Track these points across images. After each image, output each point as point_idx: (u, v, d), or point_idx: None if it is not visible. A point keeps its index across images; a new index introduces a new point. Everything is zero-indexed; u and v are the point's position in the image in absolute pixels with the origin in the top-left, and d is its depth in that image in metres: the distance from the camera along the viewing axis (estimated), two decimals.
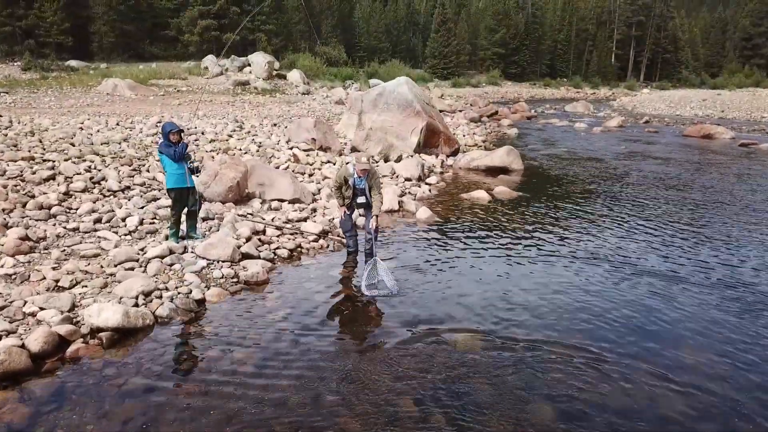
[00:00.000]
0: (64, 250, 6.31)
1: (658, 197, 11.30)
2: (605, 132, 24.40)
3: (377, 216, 6.53)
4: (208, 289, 5.68)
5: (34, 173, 8.37)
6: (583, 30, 77.34)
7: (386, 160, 13.57)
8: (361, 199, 6.71)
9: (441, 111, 22.98)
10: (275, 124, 16.78)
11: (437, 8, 66.79)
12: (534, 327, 5.26)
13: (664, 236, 8.47)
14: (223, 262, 6.27)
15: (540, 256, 7.40)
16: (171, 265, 6.05)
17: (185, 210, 6.78)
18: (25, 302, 4.94)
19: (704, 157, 17.28)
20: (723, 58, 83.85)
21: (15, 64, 36.91)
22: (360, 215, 7.36)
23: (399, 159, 13.51)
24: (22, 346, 4.25)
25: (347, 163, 6.80)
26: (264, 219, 7.97)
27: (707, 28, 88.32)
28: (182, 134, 6.73)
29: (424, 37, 68.12)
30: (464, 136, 19.58)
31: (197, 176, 6.99)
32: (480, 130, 22.60)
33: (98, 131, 12.69)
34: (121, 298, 5.17)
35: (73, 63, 37.39)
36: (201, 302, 5.45)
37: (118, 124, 14.16)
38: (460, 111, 29.36)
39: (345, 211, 6.83)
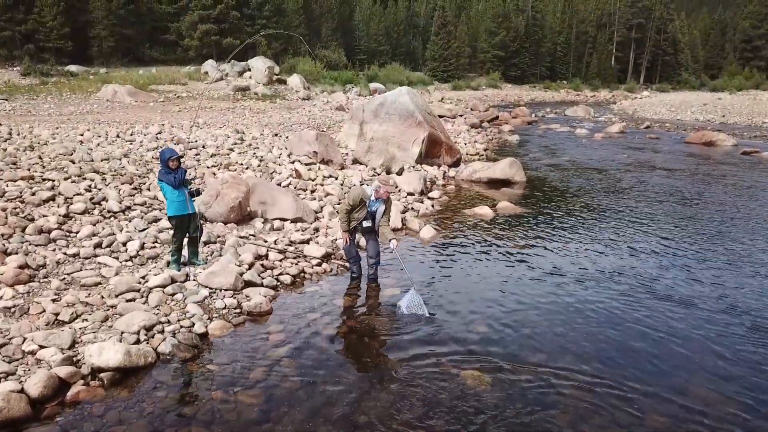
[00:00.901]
0: (64, 278, 6.21)
1: (665, 213, 11.22)
2: (606, 138, 24.33)
3: (396, 239, 6.65)
4: (211, 321, 5.59)
5: (33, 194, 8.27)
6: (583, 32, 77.37)
7: (388, 172, 13.48)
8: (367, 223, 6.63)
9: (441, 117, 22.93)
10: (276, 134, 16.70)
11: (437, 11, 66.83)
12: (544, 357, 5.18)
13: (675, 255, 8.38)
14: (226, 290, 6.18)
15: (548, 278, 7.30)
16: (173, 294, 5.96)
17: (187, 236, 6.70)
18: (25, 339, 4.85)
19: (708, 167, 17.20)
20: (723, 60, 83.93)
21: (14, 68, 36.86)
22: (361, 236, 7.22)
23: (401, 171, 13.42)
24: (21, 390, 4.16)
25: (361, 184, 6.70)
26: (266, 241, 7.88)
27: (707, 30, 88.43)
28: (181, 160, 6.65)
29: (424, 40, 68.13)
30: (465, 144, 19.50)
31: (199, 196, 6.95)
32: (481, 136, 22.54)
33: (98, 145, 12.60)
34: (122, 333, 5.08)
35: (72, 68, 37.36)
36: (203, 336, 5.35)
37: (118, 136, 14.06)
38: (461, 116, 29.27)
39: (349, 237, 6.73)
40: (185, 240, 6.72)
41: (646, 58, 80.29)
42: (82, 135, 13.93)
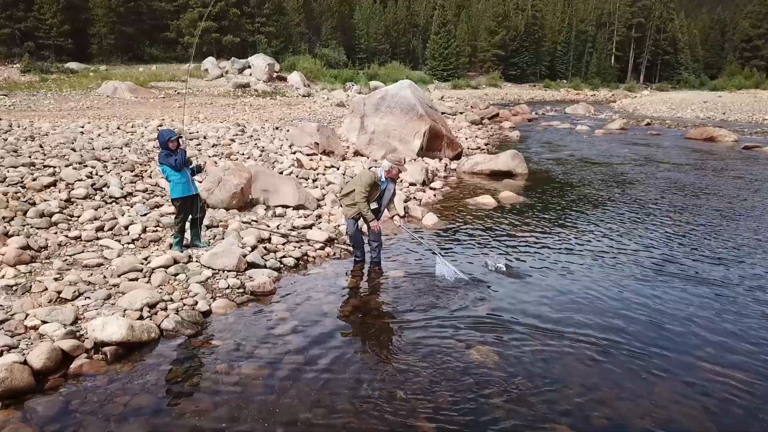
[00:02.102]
0: (66, 259, 6.18)
1: (668, 202, 11.18)
2: (607, 134, 24.33)
3: (398, 215, 6.89)
4: (214, 300, 5.56)
5: (34, 180, 8.22)
6: (582, 32, 77.44)
7: None
8: (374, 205, 6.61)
9: (442, 113, 22.92)
10: (277, 128, 16.66)
11: (437, 10, 66.81)
12: (548, 332, 5.15)
13: (677, 240, 8.35)
14: (229, 271, 6.15)
15: (551, 260, 7.27)
16: (176, 275, 5.93)
17: (189, 218, 6.66)
18: (27, 315, 4.82)
19: (709, 161, 17.18)
20: (722, 59, 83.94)
21: (14, 66, 36.81)
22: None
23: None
24: (24, 362, 4.12)
25: (370, 168, 6.62)
26: (269, 226, 7.85)
27: (706, 30, 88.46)
28: (180, 140, 6.57)
29: (423, 39, 68.17)
30: (466, 139, 19.49)
31: (201, 175, 6.88)
32: (482, 132, 22.52)
33: (99, 135, 12.56)
34: (125, 310, 5.05)
35: (72, 65, 37.31)
36: (207, 314, 5.33)
37: (119, 128, 14.03)
38: (461, 113, 29.25)
39: (356, 224, 6.70)
40: (188, 222, 6.69)
41: (646, 57, 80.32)
42: (83, 127, 13.88)
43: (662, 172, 14.79)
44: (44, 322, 4.70)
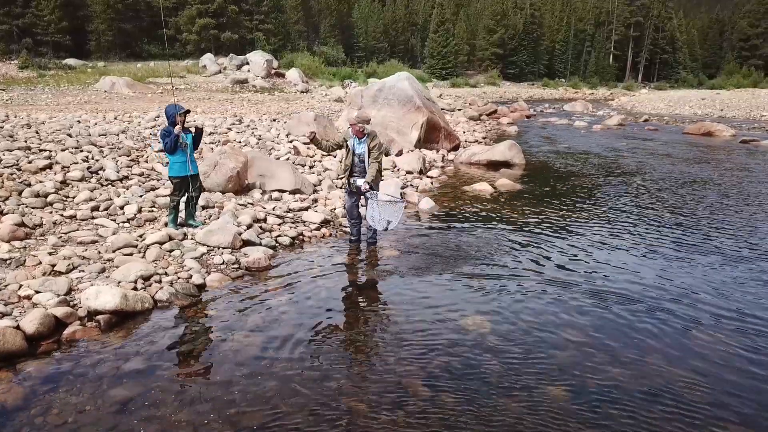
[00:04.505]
0: (61, 236, 6.17)
1: (666, 190, 11.19)
2: (605, 130, 24.34)
3: (368, 182, 6.24)
4: (209, 274, 5.55)
5: (30, 162, 8.22)
6: (581, 30, 77.48)
7: (387, 155, 13.44)
8: (359, 182, 6.47)
9: (441, 109, 22.91)
10: (274, 120, 16.67)
11: (436, 8, 66.85)
12: (540, 307, 5.15)
13: (679, 226, 8.36)
14: (224, 248, 6.14)
15: (546, 240, 7.27)
16: (170, 251, 5.92)
17: (184, 196, 6.65)
18: (21, 286, 4.81)
19: (707, 154, 17.21)
20: (721, 59, 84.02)
21: (12, 62, 36.78)
22: (362, 205, 7.14)
23: (400, 153, 13.42)
24: (17, 327, 4.12)
25: (348, 128, 6.53)
26: (265, 208, 7.85)
27: (705, 29, 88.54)
28: (187, 115, 6.52)
29: (422, 38, 68.22)
30: (464, 133, 19.49)
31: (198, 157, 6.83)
32: (480, 127, 22.52)
33: (96, 124, 12.55)
34: (119, 282, 5.04)
35: (70, 62, 37.31)
36: (201, 287, 5.32)
37: (116, 118, 14.03)
38: (459, 110, 29.26)
39: (349, 198, 6.71)
40: (183, 200, 6.68)
41: (644, 56, 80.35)
42: (80, 116, 13.88)
43: (660, 164, 14.80)
44: (38, 292, 4.70)
